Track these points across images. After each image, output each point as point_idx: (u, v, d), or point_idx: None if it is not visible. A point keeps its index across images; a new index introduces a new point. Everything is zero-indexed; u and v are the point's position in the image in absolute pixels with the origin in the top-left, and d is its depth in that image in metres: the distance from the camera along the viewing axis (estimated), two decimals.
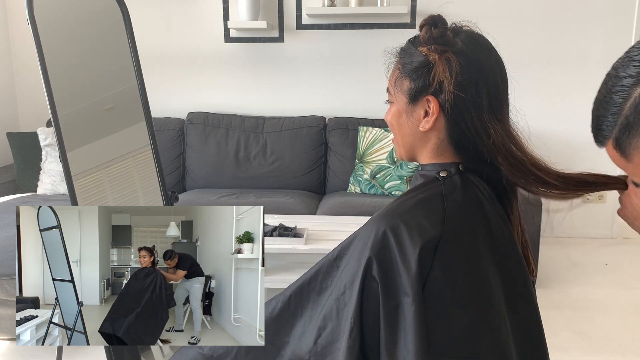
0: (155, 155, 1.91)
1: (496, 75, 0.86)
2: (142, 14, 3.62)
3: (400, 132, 0.92)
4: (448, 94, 0.83)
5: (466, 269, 0.82)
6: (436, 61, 0.84)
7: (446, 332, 0.80)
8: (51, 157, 3.34)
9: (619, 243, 3.72)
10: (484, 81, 0.84)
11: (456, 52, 0.84)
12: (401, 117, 0.90)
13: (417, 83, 0.86)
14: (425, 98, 0.86)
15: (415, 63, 0.86)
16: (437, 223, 0.82)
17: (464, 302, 0.81)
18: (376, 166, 3.28)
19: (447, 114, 0.85)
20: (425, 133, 0.88)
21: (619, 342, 2.41)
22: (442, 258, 0.80)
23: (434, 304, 0.79)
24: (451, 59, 0.83)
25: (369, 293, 0.80)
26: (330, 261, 0.89)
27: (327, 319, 0.85)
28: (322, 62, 3.69)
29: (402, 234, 0.80)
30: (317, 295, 0.88)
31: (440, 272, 0.80)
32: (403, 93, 0.89)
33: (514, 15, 3.55)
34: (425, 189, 0.87)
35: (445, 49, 0.84)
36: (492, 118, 0.84)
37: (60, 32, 1.68)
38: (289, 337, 0.89)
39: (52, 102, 1.60)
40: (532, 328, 0.93)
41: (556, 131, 3.66)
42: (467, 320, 0.82)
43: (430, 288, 0.79)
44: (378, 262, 0.80)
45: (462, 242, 0.83)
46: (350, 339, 0.80)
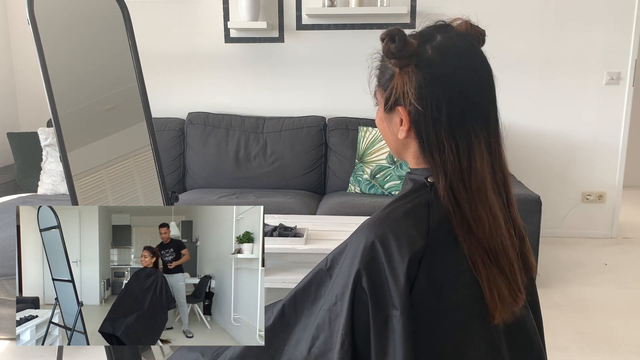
0: (155, 155, 1.91)
1: (466, 85, 0.82)
2: (143, 14, 3.62)
3: (385, 136, 0.92)
4: (411, 107, 0.82)
5: (452, 278, 0.82)
6: (396, 75, 0.83)
7: (433, 342, 0.80)
8: (51, 157, 3.34)
9: (619, 243, 3.72)
10: (446, 95, 0.80)
11: (420, 64, 0.81)
12: (383, 123, 0.91)
13: (387, 93, 0.86)
14: (397, 108, 0.85)
15: (387, 75, 0.86)
16: (424, 233, 0.81)
17: (450, 311, 0.81)
18: (376, 166, 3.28)
19: (413, 125, 0.84)
20: (405, 139, 0.87)
21: (619, 342, 2.41)
22: (428, 268, 0.80)
23: (420, 314, 0.79)
24: (411, 72, 0.81)
25: (359, 305, 0.80)
26: (322, 271, 0.89)
27: (320, 329, 0.85)
28: (322, 62, 3.69)
29: (390, 245, 0.79)
30: (311, 304, 0.88)
31: (426, 281, 0.79)
32: (381, 101, 0.89)
33: (514, 15, 3.56)
34: (413, 197, 0.86)
35: (406, 62, 0.81)
36: (450, 135, 0.81)
37: (60, 32, 1.68)
38: (284, 345, 0.89)
39: (52, 102, 1.60)
40: (529, 333, 0.93)
41: (556, 131, 3.66)
42: (454, 329, 0.82)
43: (415, 298, 0.78)
44: (367, 274, 0.79)
45: (447, 251, 0.82)
46: (342, 350, 0.80)
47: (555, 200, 3.73)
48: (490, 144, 0.84)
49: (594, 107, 3.62)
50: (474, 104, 0.82)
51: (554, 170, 3.74)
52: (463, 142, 0.81)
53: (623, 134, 3.65)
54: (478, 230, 0.82)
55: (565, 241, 3.74)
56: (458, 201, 0.81)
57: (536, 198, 2.83)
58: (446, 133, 0.81)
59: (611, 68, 3.57)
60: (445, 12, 3.38)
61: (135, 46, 1.86)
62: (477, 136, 0.82)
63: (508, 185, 0.89)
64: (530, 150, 3.70)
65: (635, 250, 3.60)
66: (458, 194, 0.81)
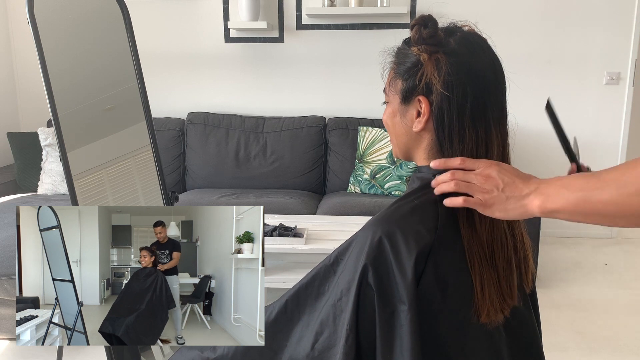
0: (155, 155, 1.91)
1: (488, 78, 0.84)
2: (142, 13, 3.62)
3: (395, 132, 0.92)
4: (436, 95, 0.83)
5: (456, 276, 0.82)
6: (425, 61, 0.84)
7: (436, 338, 0.80)
8: (51, 157, 3.34)
9: (619, 243, 3.72)
10: (472, 84, 0.83)
11: (447, 52, 0.83)
12: (395, 118, 0.90)
13: (409, 83, 0.86)
14: (417, 98, 0.85)
15: (408, 63, 0.86)
16: (431, 229, 0.81)
17: (454, 308, 0.81)
18: (376, 166, 3.28)
19: (434, 115, 0.84)
20: (418, 133, 0.87)
21: (619, 342, 2.41)
22: (434, 264, 0.80)
23: (425, 310, 0.79)
24: (440, 59, 0.83)
25: (364, 300, 0.80)
26: (327, 266, 0.89)
27: (324, 324, 0.85)
28: (322, 62, 3.69)
29: (398, 240, 0.80)
30: (314, 300, 0.88)
31: (433, 277, 0.80)
32: (397, 93, 0.89)
33: (514, 15, 3.56)
34: (421, 194, 0.86)
35: (436, 49, 0.83)
36: (471, 124, 0.83)
37: (60, 32, 1.69)
38: (287, 341, 0.89)
39: (52, 102, 1.60)
40: (530, 334, 0.93)
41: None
42: (456, 326, 0.82)
43: (421, 293, 0.79)
44: (374, 269, 0.80)
45: (453, 249, 0.82)
46: (347, 345, 0.80)
47: None
48: (504, 138, 0.87)
49: (594, 107, 3.61)
50: (493, 96, 0.85)
51: (554, 170, 3.73)
52: (482, 132, 0.84)
53: (623, 133, 3.65)
54: (481, 227, 0.83)
55: (565, 241, 3.74)
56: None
57: None
58: (470, 121, 0.83)
59: (611, 68, 3.57)
60: (446, 13, 3.38)
61: (135, 46, 1.86)
62: (495, 128, 0.85)
63: None
64: (530, 150, 3.70)
65: (635, 250, 3.60)
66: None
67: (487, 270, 0.83)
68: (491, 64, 0.85)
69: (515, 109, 3.07)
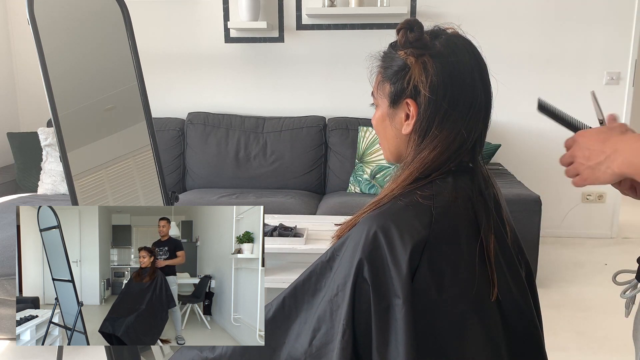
0: (155, 155, 1.91)
1: (474, 79, 0.86)
2: (143, 14, 3.62)
3: (385, 135, 0.93)
4: (423, 97, 0.84)
5: (452, 270, 0.82)
6: (412, 64, 0.85)
7: (432, 332, 0.80)
8: (51, 157, 3.34)
9: (619, 243, 3.72)
10: (456, 86, 0.84)
11: (433, 55, 0.84)
12: (385, 121, 0.92)
13: (397, 86, 0.87)
14: (405, 101, 0.87)
15: (395, 67, 0.88)
16: (426, 224, 0.82)
17: (450, 302, 0.82)
18: (376, 166, 3.28)
19: (421, 117, 0.86)
20: (407, 135, 0.89)
21: (619, 342, 2.41)
22: (429, 258, 0.80)
23: (421, 303, 0.79)
24: (427, 61, 0.84)
25: (360, 294, 0.81)
26: (323, 263, 0.89)
27: (321, 320, 0.85)
28: (322, 62, 3.69)
29: (392, 235, 0.80)
30: (311, 297, 0.89)
31: (428, 271, 0.80)
32: (385, 97, 0.90)
33: (514, 15, 3.55)
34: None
35: (422, 52, 0.85)
36: (454, 123, 0.85)
37: (60, 32, 1.68)
38: (285, 338, 0.90)
39: (52, 102, 1.60)
40: (528, 321, 0.93)
41: (556, 131, 3.65)
42: (453, 320, 0.82)
43: (417, 287, 0.79)
44: (369, 264, 0.80)
45: (450, 242, 0.83)
46: (343, 340, 0.80)
47: (555, 200, 3.73)
48: (483, 137, 0.90)
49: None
50: (479, 96, 0.86)
51: (554, 170, 3.73)
52: (465, 130, 0.86)
53: None
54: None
55: (565, 241, 3.74)
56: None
57: (536, 198, 2.83)
58: (453, 120, 0.85)
59: (611, 68, 3.57)
60: (445, 12, 3.38)
61: (135, 46, 1.86)
62: (478, 124, 0.88)
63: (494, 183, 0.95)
64: (530, 150, 3.70)
65: (635, 250, 3.60)
66: None
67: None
68: (477, 65, 0.87)
69: (515, 109, 3.09)
